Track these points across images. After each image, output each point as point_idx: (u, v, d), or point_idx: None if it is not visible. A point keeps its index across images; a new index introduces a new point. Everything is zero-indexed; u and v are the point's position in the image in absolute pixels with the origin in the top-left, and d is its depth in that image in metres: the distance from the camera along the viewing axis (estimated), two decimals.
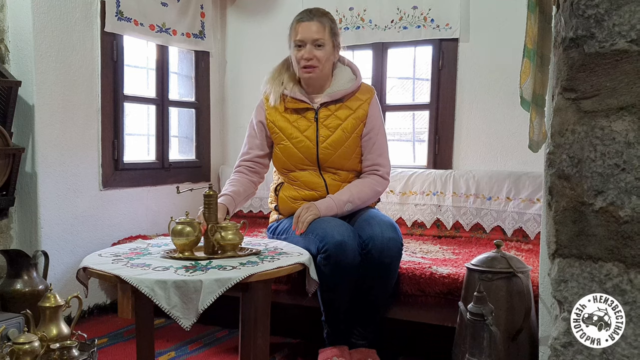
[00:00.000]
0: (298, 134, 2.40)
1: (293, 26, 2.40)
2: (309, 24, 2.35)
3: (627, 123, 0.86)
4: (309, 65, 2.35)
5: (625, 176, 0.86)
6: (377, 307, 2.30)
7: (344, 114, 2.40)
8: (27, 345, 1.73)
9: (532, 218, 2.94)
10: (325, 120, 2.40)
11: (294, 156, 2.40)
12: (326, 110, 2.41)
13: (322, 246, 2.11)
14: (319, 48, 2.35)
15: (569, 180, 0.90)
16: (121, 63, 3.19)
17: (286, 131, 2.42)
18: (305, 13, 2.40)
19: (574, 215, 0.89)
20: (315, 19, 2.36)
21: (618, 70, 0.86)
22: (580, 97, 0.89)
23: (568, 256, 0.90)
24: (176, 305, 1.66)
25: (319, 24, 2.36)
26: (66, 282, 2.87)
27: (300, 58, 2.35)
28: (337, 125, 2.39)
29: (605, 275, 0.88)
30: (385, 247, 2.15)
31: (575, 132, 0.89)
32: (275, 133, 2.44)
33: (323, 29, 2.36)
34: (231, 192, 2.40)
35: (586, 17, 0.87)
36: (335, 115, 2.40)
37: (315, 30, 2.34)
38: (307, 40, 2.33)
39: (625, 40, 0.85)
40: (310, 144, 2.38)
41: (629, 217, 0.86)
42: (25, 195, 2.81)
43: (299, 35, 2.35)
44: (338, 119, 2.40)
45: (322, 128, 2.39)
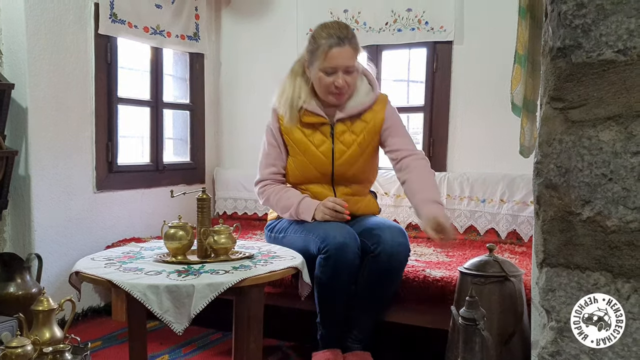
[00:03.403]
0: (313, 149, 2.33)
1: (322, 49, 2.20)
2: (342, 51, 2.20)
3: (614, 133, 0.86)
4: (340, 93, 2.26)
5: (613, 186, 0.87)
6: (377, 311, 2.30)
7: (359, 128, 2.33)
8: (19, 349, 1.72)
9: (526, 220, 2.95)
10: (341, 136, 2.33)
11: (308, 171, 2.36)
12: (342, 126, 2.33)
13: (324, 247, 2.10)
14: (349, 74, 2.24)
15: (556, 189, 0.90)
16: (115, 65, 3.19)
17: (301, 145, 2.35)
18: (335, 36, 2.20)
19: (561, 225, 0.90)
20: (346, 44, 2.21)
21: (605, 80, 0.86)
22: (568, 106, 0.89)
23: (556, 265, 0.91)
24: (168, 309, 1.66)
25: (352, 50, 2.23)
26: (60, 285, 2.87)
27: (331, 85, 2.23)
28: (352, 140, 2.33)
29: (593, 285, 0.89)
30: (395, 251, 2.14)
31: (562, 142, 0.89)
32: (289, 145, 2.38)
33: (355, 54, 2.25)
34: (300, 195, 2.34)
35: (573, 27, 0.88)
36: (351, 130, 2.33)
37: (348, 57, 2.22)
38: (340, 68, 2.21)
39: (612, 51, 0.86)
40: (325, 160, 2.33)
41: (616, 227, 0.86)
42: (19, 198, 2.80)
43: (332, 63, 2.20)
44: (354, 134, 2.33)
45: (338, 144, 2.33)
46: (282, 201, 2.34)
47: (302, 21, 3.57)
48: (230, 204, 3.78)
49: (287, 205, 2.32)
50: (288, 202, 2.32)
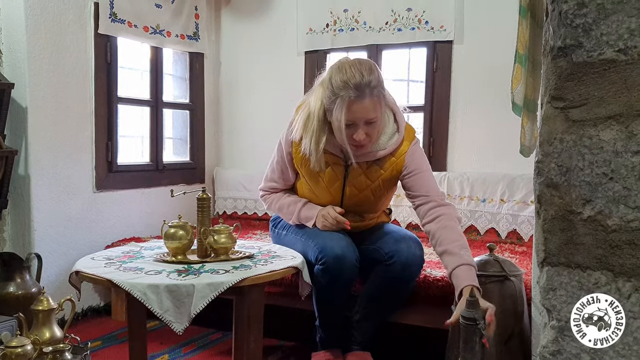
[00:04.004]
0: (323, 185, 2.19)
1: (343, 103, 1.95)
2: (363, 104, 1.95)
3: (615, 132, 0.86)
4: (361, 145, 2.04)
5: (613, 185, 0.87)
6: (381, 317, 2.28)
7: (376, 174, 2.15)
8: (19, 349, 1.72)
9: (526, 220, 2.95)
10: (354, 179, 2.16)
11: (316, 200, 2.25)
12: (357, 169, 2.13)
13: (321, 257, 2.07)
14: (371, 125, 2.00)
15: (557, 189, 0.90)
16: (115, 65, 3.18)
17: (311, 179, 2.21)
18: (353, 88, 1.94)
19: (562, 224, 0.90)
20: (367, 96, 1.95)
21: (606, 80, 0.86)
22: (569, 106, 0.89)
23: (556, 264, 0.91)
24: (168, 309, 1.66)
25: (373, 101, 1.97)
26: (59, 285, 2.87)
27: (350, 137, 2.00)
28: (366, 186, 2.16)
29: (594, 284, 0.89)
30: (410, 262, 2.11)
31: (563, 141, 0.89)
32: (300, 173, 2.26)
33: (379, 104, 1.99)
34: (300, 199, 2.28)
35: (574, 27, 0.88)
36: (367, 175, 2.15)
37: (370, 110, 1.97)
38: (360, 121, 1.98)
39: (613, 50, 0.86)
40: (333, 199, 2.21)
41: (616, 226, 0.86)
42: (19, 198, 2.80)
43: (351, 117, 1.96)
44: (369, 180, 2.15)
45: (350, 187, 2.17)
46: (284, 209, 2.29)
47: (302, 21, 3.57)
48: (230, 204, 3.78)
49: (288, 212, 2.28)
50: (289, 210, 2.27)
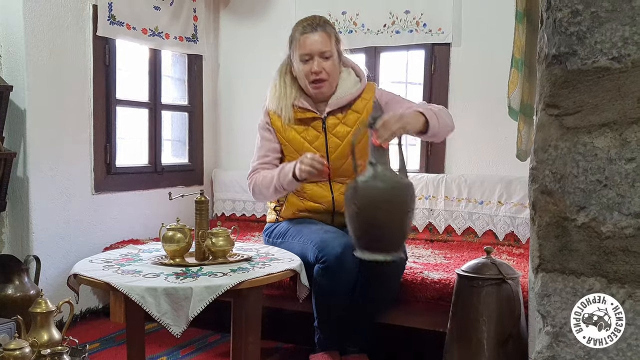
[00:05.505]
0: (307, 146, 2.33)
1: (296, 39, 2.29)
2: (314, 36, 2.25)
3: (609, 139, 0.87)
4: (319, 80, 2.27)
5: (607, 192, 0.87)
6: (373, 314, 2.30)
7: (351, 119, 2.33)
8: (17, 351, 1.73)
9: (524, 222, 2.95)
10: (333, 129, 2.33)
11: None
12: (334, 119, 2.34)
13: (322, 256, 2.09)
14: (326, 60, 2.27)
15: (552, 195, 0.91)
16: (113, 67, 3.19)
17: (295, 143, 2.34)
18: (307, 25, 2.28)
19: (556, 231, 0.90)
20: (319, 30, 2.26)
21: (600, 87, 0.87)
22: (563, 113, 0.90)
23: (551, 271, 0.91)
24: (166, 312, 1.67)
25: (324, 35, 2.27)
26: (58, 287, 2.87)
27: (308, 72, 2.27)
28: (346, 132, 2.32)
29: (588, 290, 0.89)
30: None
31: (558, 148, 0.90)
32: (284, 145, 2.37)
33: (329, 39, 2.28)
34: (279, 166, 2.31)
35: (568, 34, 0.88)
36: (344, 122, 2.33)
37: (321, 41, 2.25)
38: (314, 53, 2.25)
39: (607, 58, 0.86)
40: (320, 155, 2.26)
41: (610, 233, 0.87)
42: (17, 200, 2.80)
43: (306, 49, 2.25)
44: (346, 126, 2.33)
45: (331, 137, 2.32)
46: (266, 180, 2.29)
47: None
48: (229, 205, 3.79)
49: (269, 179, 2.27)
50: (269, 176, 2.28)
